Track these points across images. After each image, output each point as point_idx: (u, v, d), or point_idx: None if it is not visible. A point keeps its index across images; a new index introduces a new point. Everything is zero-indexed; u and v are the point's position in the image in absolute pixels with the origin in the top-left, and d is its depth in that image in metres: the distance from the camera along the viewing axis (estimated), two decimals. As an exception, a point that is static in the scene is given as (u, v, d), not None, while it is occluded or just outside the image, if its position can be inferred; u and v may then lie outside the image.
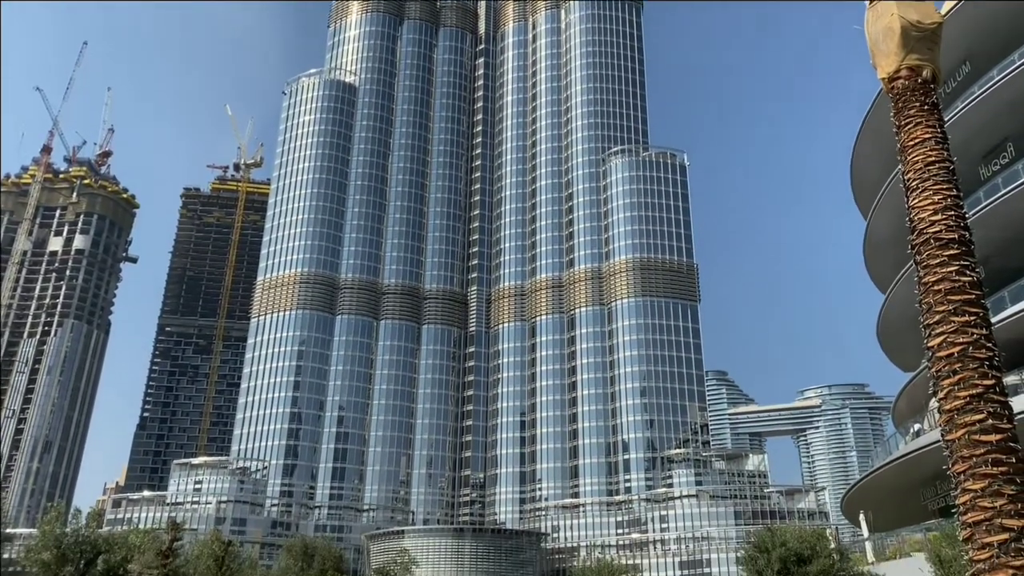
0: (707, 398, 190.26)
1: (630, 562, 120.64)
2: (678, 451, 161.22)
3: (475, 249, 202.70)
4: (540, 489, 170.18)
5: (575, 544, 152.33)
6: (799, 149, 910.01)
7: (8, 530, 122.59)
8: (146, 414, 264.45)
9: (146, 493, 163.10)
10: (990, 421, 7.42)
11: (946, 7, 42.19)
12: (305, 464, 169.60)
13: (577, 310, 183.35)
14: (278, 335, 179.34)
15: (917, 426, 39.59)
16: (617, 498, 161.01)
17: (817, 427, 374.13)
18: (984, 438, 7.37)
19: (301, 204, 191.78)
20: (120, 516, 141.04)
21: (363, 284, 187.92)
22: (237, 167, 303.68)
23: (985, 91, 37.09)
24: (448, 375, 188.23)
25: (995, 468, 7.23)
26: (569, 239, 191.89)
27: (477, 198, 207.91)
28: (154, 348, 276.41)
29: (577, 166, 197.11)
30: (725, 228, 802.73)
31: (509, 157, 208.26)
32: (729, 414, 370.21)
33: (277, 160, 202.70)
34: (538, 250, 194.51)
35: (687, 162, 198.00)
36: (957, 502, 7.44)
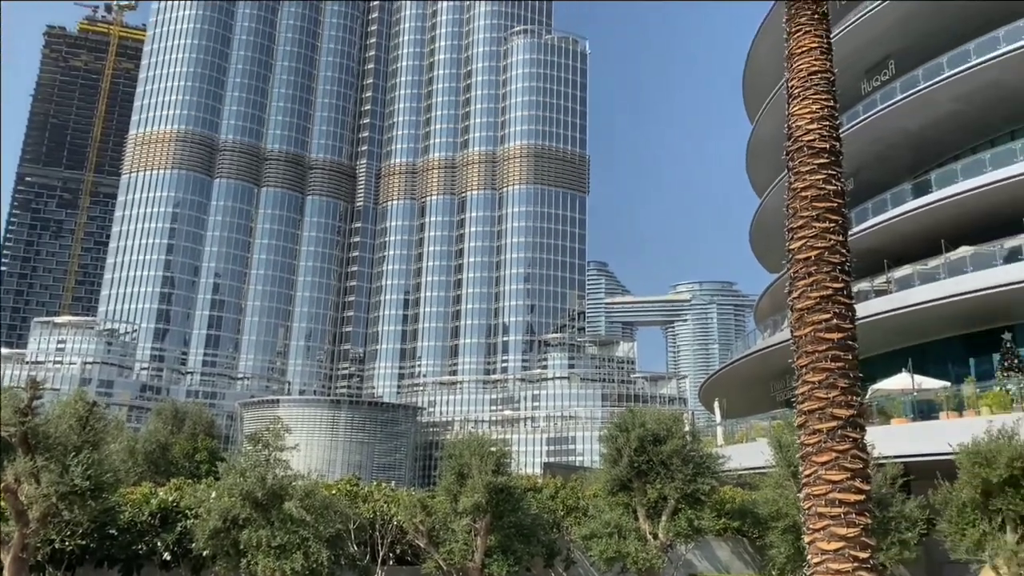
0: (586, 287, 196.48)
1: (501, 436, 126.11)
2: (555, 336, 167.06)
3: (366, 121, 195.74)
4: (419, 366, 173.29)
5: (450, 419, 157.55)
6: (701, 45, 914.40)
7: None
8: (3, 268, 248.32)
9: (4, 351, 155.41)
10: (835, 321, 8.04)
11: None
12: (178, 329, 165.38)
13: (469, 193, 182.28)
14: (151, 195, 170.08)
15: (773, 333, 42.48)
16: (493, 377, 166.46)
17: (685, 320, 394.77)
18: (827, 336, 8.00)
19: (180, 56, 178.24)
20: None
21: (245, 148, 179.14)
22: (108, 8, 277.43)
23: (876, 6, 38.14)
24: (332, 248, 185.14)
25: (833, 364, 7.91)
26: (465, 119, 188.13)
27: (371, 66, 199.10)
28: (12, 199, 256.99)
29: (478, 42, 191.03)
30: (617, 119, 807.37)
31: (407, 25, 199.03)
32: (606, 303, 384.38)
33: (155, 5, 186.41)
34: (432, 127, 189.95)
35: (588, 50, 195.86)
36: (796, 392, 8.13)
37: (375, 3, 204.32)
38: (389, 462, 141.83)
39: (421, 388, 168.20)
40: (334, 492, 19.78)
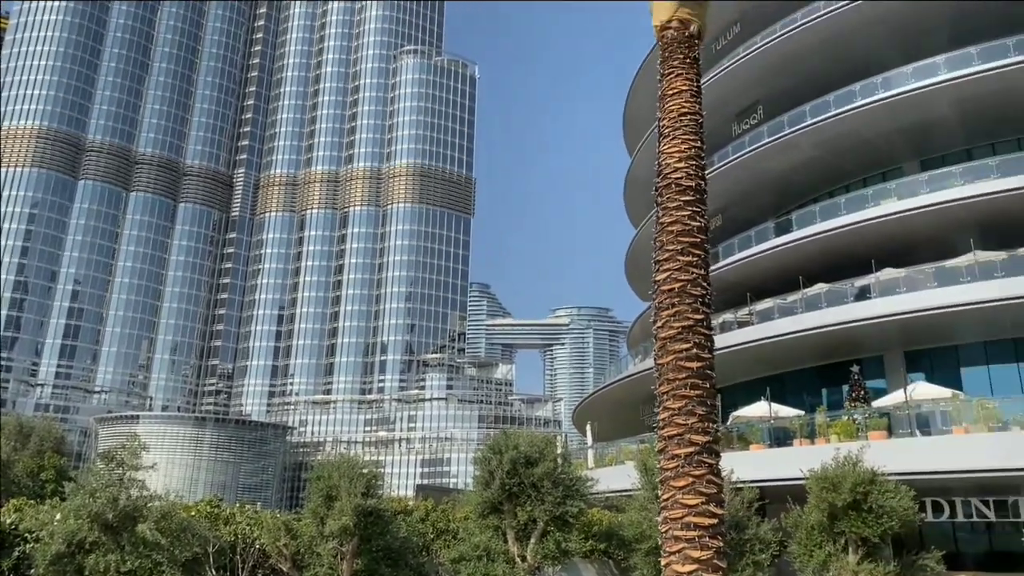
0: (468, 308, 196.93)
1: (375, 458, 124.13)
2: (434, 356, 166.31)
3: (247, 129, 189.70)
4: (292, 384, 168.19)
5: (322, 439, 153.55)
6: (594, 78, 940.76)
7: None
8: None
9: None
10: (695, 350, 8.41)
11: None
12: (29, 338, 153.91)
13: (351, 208, 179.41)
14: (7, 193, 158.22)
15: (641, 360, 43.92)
16: (369, 397, 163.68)
17: (563, 344, 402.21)
18: (687, 364, 8.36)
19: (46, 48, 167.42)
20: None
21: (114, 149, 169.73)
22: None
23: (750, 53, 40.50)
24: (203, 259, 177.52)
25: (692, 391, 8.26)
26: (351, 134, 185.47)
27: (255, 74, 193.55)
28: None
29: (367, 58, 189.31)
30: (506, 144, 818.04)
31: (294, 36, 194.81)
32: (487, 325, 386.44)
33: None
34: (316, 140, 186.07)
35: (478, 75, 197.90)
36: (658, 418, 8.43)
37: (262, 10, 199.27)
38: (256, 483, 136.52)
39: (292, 407, 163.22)
40: (193, 514, 18.86)
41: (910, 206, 33.53)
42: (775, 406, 31.20)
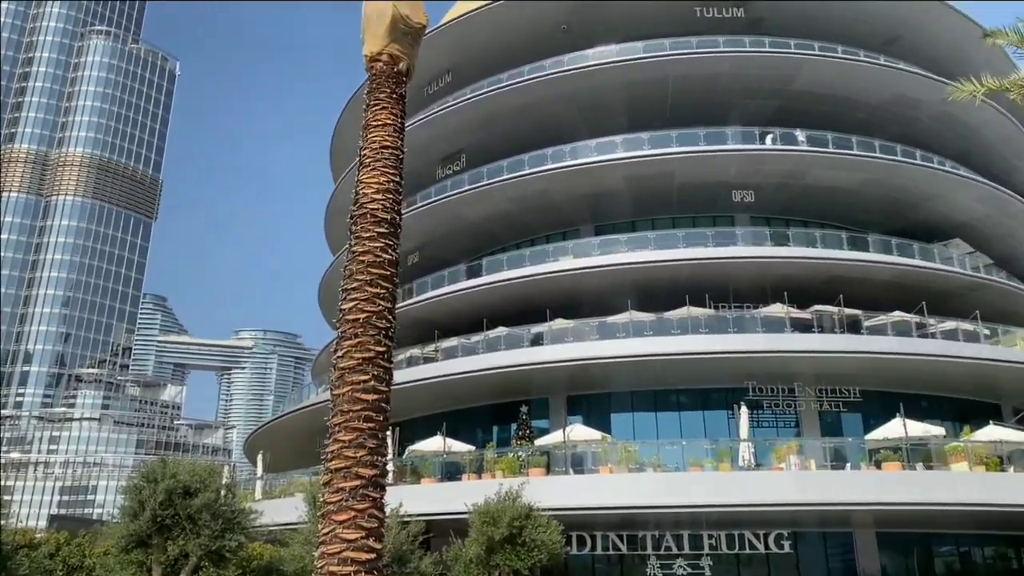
0: (139, 321, 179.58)
1: (7, 483, 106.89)
2: (91, 371, 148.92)
3: None
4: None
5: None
6: (308, 90, 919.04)
7: None
8: None
9: None
10: (372, 383, 8.37)
11: (447, 16, 47.09)
12: None
13: (7, 194, 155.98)
14: None
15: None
16: (4, 413, 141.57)
17: (244, 368, 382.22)
18: (364, 396, 8.28)
19: None
20: None
21: None
22: None
23: (457, 103, 42.41)
24: None
25: (365, 424, 8.18)
26: (17, 109, 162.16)
27: None
28: None
29: (46, 30, 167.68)
30: (209, 151, 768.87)
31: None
32: (158, 341, 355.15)
33: None
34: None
35: (179, 71, 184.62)
36: (327, 451, 8.22)
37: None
38: None
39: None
40: None
41: (582, 265, 37.09)
42: (450, 441, 32.27)
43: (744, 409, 31.02)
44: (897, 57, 41.67)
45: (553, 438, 31.35)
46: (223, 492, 20.78)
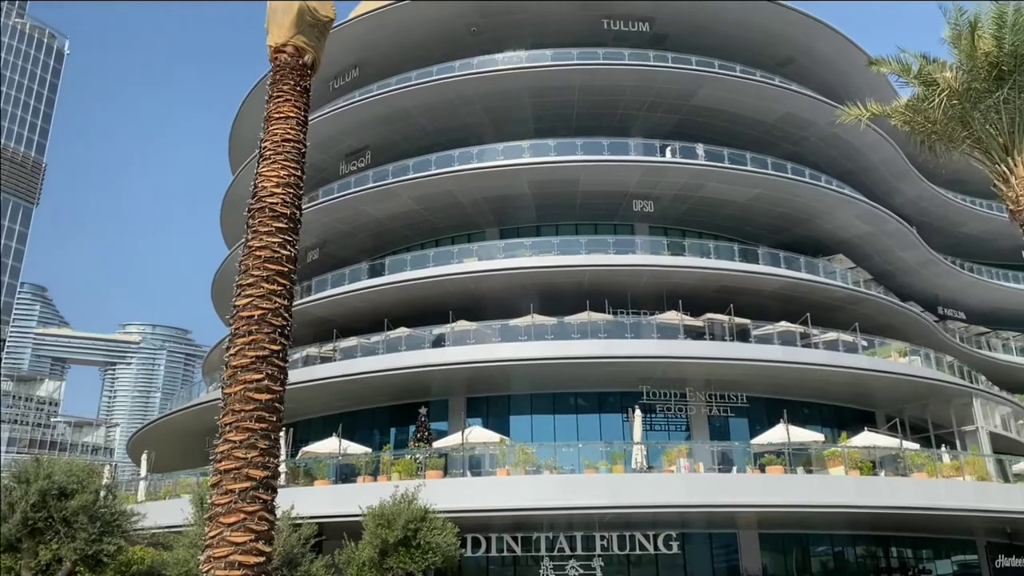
0: (14, 311, 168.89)
1: None
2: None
3: None
4: None
5: None
6: (210, 76, 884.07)
7: None
8: None
9: None
10: (266, 382, 8.15)
11: (355, 11, 46.37)
12: None
13: None
14: None
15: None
16: None
17: (129, 363, 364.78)
18: (257, 396, 8.06)
19: None
20: None
21: None
22: None
23: (364, 99, 41.77)
24: None
25: (257, 424, 7.96)
26: None
27: None
28: None
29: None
30: (104, 138, 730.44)
31: None
32: (36, 333, 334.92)
33: None
34: None
35: (67, 50, 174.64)
36: (217, 451, 7.96)
37: None
38: None
39: None
40: None
41: (486, 267, 37.20)
42: (345, 442, 31.75)
43: (638, 413, 31.81)
44: (791, 78, 43.70)
45: (452, 440, 31.30)
46: (103, 493, 19.84)
